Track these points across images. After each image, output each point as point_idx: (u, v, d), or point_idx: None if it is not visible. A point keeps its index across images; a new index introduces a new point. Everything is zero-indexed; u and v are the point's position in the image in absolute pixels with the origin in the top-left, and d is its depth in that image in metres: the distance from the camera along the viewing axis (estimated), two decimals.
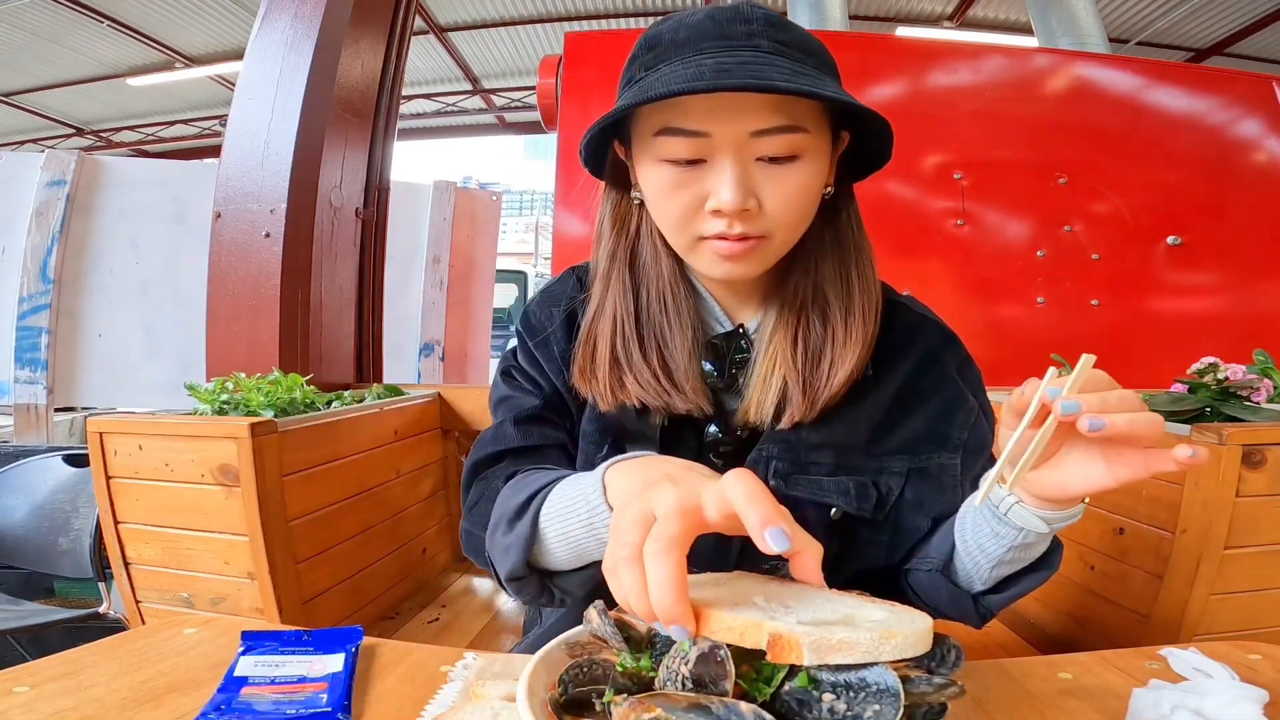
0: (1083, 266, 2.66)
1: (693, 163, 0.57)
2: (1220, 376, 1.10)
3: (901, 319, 0.69)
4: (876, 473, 0.66)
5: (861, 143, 0.63)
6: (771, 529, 0.37)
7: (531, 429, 0.68)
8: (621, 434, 0.68)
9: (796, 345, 0.64)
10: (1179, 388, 1.15)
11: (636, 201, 0.66)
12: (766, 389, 0.64)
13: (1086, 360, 0.45)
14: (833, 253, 0.65)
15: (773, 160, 0.57)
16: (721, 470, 0.66)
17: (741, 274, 0.61)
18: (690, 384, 0.64)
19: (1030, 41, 5.05)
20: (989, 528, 0.55)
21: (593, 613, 0.46)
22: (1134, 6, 6.25)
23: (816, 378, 0.63)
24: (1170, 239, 2.67)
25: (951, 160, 2.67)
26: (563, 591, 0.57)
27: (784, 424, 0.64)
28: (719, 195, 0.56)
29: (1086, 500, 0.51)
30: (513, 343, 0.76)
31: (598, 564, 0.50)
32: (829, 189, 0.64)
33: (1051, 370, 0.46)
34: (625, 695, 0.39)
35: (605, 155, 0.66)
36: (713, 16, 0.57)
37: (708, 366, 0.66)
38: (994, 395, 0.71)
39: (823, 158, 0.59)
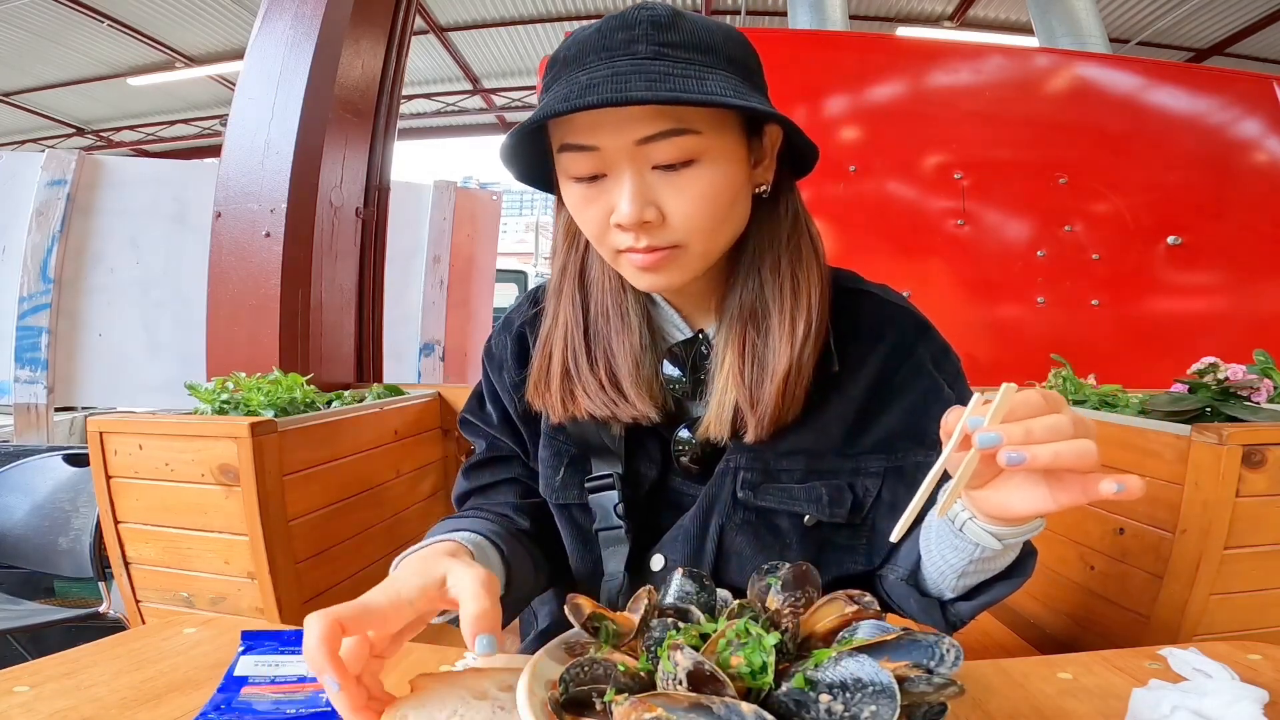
0: (1083, 266, 2.66)
1: (596, 178, 0.56)
2: (1220, 376, 1.09)
3: (869, 309, 0.67)
4: (853, 474, 0.64)
5: (794, 137, 0.60)
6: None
7: (482, 472, 0.76)
8: (585, 449, 0.68)
9: (744, 361, 0.62)
10: (1179, 388, 1.15)
11: None
12: (721, 407, 0.62)
13: (1007, 389, 0.43)
14: (770, 254, 0.62)
15: (669, 167, 0.54)
16: (693, 478, 0.67)
17: (664, 284, 0.59)
18: (636, 392, 0.63)
19: (1030, 41, 5.05)
20: (948, 540, 0.55)
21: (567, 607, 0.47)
22: (1134, 6, 6.25)
23: (762, 394, 0.61)
24: (1170, 239, 2.67)
25: (952, 160, 2.67)
26: None
27: (748, 440, 0.62)
28: (618, 210, 0.55)
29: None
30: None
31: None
32: (763, 187, 0.61)
33: (976, 398, 0.44)
34: (626, 695, 0.39)
35: (554, 172, 0.64)
36: (599, 28, 0.56)
37: (676, 372, 0.65)
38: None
39: (731, 157, 0.56)
